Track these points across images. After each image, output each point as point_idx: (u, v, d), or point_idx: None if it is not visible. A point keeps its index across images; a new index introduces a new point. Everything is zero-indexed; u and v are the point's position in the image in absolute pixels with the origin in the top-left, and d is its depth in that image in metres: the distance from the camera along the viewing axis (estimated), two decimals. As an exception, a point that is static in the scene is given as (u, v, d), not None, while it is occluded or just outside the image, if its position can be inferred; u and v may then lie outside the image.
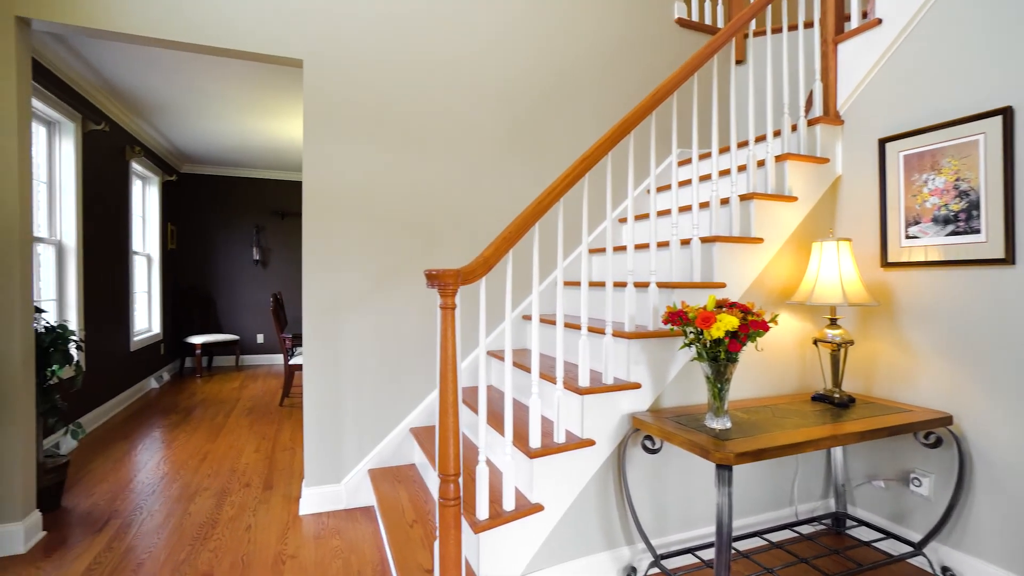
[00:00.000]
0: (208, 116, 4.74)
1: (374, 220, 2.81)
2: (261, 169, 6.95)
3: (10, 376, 2.27)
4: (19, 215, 2.29)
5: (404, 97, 2.86)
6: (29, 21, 2.34)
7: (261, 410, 4.72)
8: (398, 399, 2.86)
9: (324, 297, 2.72)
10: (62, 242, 3.84)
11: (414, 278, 2.89)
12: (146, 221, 5.80)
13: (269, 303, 7.14)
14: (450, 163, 2.95)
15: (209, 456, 3.50)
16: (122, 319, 4.85)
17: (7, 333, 2.26)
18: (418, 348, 2.90)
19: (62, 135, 3.81)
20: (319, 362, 2.71)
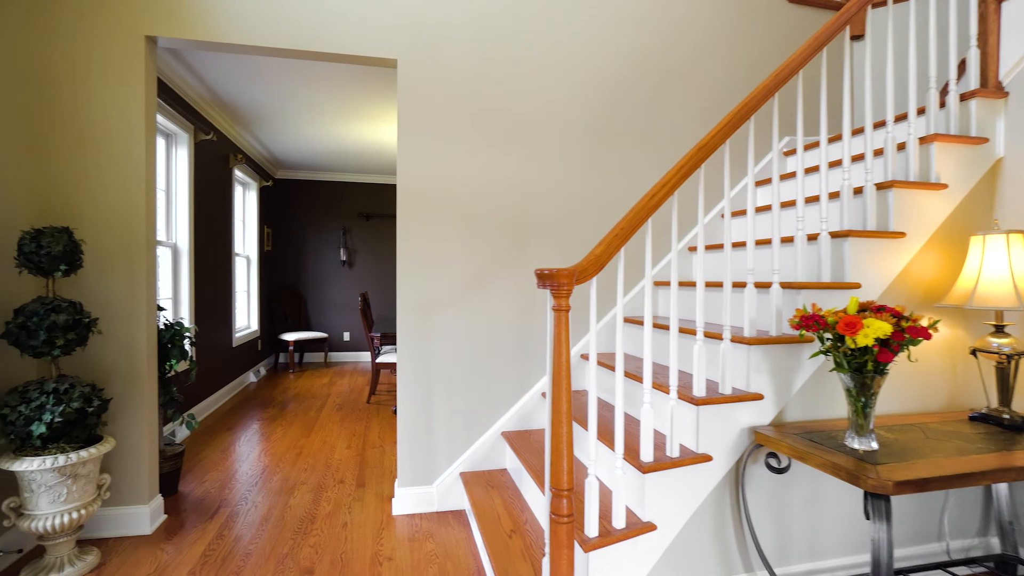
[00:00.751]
0: (301, 122, 4.94)
1: (466, 220, 2.76)
2: (347, 173, 7.22)
3: (138, 369, 2.42)
4: (145, 220, 2.44)
5: (495, 94, 2.79)
6: (156, 39, 2.49)
7: (350, 407, 4.86)
8: (489, 402, 2.80)
9: (417, 298, 2.70)
10: (177, 245, 4.12)
11: (505, 278, 2.81)
12: (246, 224, 6.17)
13: (357, 302, 7.40)
14: (541, 160, 2.85)
15: (304, 451, 3.62)
16: (226, 316, 5.17)
17: (136, 329, 2.41)
18: (509, 350, 2.82)
19: (177, 145, 4.09)
20: (412, 363, 2.70)
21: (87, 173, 2.38)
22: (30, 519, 2.00)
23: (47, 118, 2.35)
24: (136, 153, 2.42)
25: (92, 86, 2.38)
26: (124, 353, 2.40)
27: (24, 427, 1.93)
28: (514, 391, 2.83)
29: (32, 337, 1.97)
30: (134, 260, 2.42)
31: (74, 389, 2.03)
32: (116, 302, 2.40)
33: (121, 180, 2.41)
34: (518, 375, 2.84)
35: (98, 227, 2.39)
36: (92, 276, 2.38)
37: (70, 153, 2.37)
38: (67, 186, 2.37)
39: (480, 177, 2.77)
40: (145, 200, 2.44)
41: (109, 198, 2.40)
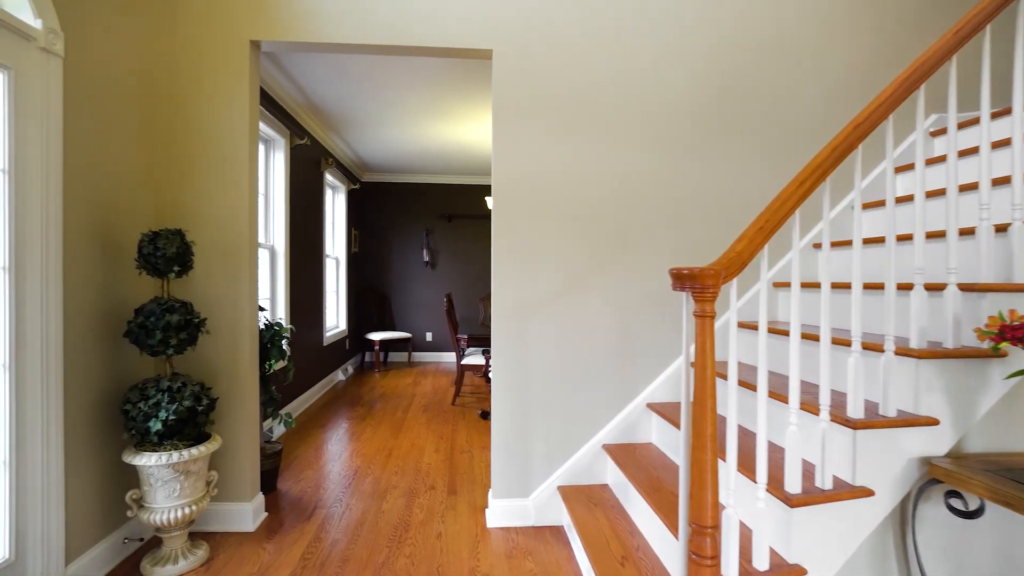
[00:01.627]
0: (388, 124, 4.99)
1: (564, 217, 2.58)
2: (429, 174, 7.28)
3: (242, 369, 2.45)
4: (248, 223, 2.47)
5: (595, 83, 2.59)
6: (259, 44, 2.53)
7: (435, 408, 4.84)
8: (589, 412, 2.61)
9: (513, 300, 2.56)
10: (274, 247, 4.27)
11: (605, 278, 2.61)
12: (335, 226, 6.37)
13: (440, 303, 7.46)
14: (644, 153, 2.62)
15: (394, 453, 3.60)
16: (317, 316, 5.32)
17: (240, 330, 2.45)
18: (610, 356, 2.61)
19: (274, 150, 4.24)
20: (508, 369, 2.56)
21: (196, 176, 2.44)
22: (149, 511, 2.05)
23: (163, 123, 2.44)
24: (241, 157, 2.46)
25: (202, 91, 2.44)
26: (229, 353, 2.45)
27: (143, 423, 1.98)
28: (616, 400, 2.62)
29: (150, 336, 2.02)
30: (238, 261, 2.45)
31: (185, 388, 2.07)
32: (221, 302, 2.44)
33: (227, 183, 2.45)
34: (620, 383, 2.62)
35: (205, 229, 2.44)
36: (200, 277, 2.44)
37: (181, 157, 2.44)
38: (178, 189, 2.44)
39: (579, 171, 2.59)
40: (248, 203, 2.47)
41: (216, 201, 2.45)
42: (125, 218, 2.24)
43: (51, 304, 1.83)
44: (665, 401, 2.63)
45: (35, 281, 1.79)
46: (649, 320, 2.62)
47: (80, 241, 1.99)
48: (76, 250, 1.97)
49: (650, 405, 2.60)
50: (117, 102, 2.19)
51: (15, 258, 1.73)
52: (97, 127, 2.08)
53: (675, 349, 2.64)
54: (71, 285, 1.94)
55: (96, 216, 2.07)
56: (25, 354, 1.76)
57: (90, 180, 2.04)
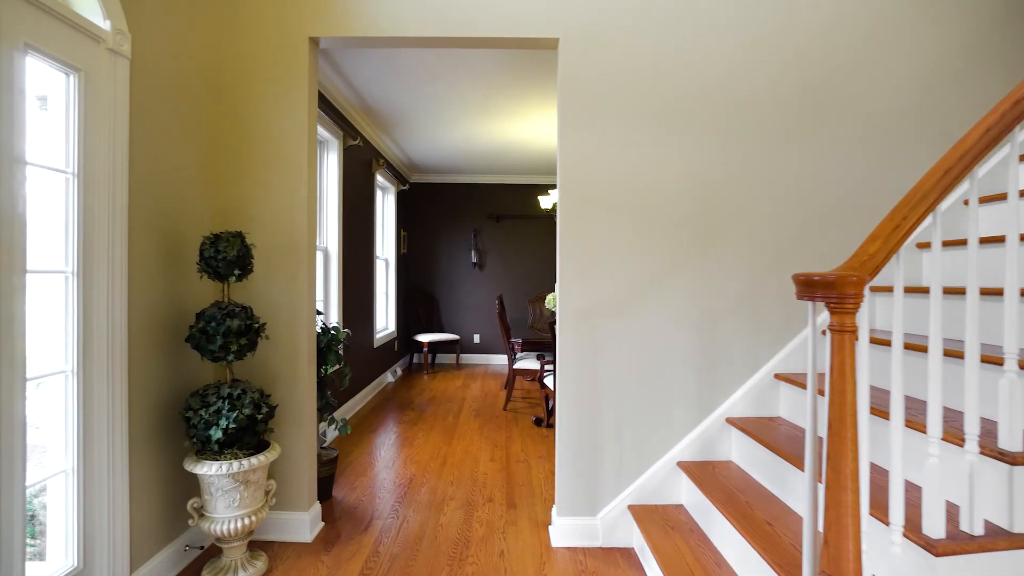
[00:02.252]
0: (438, 122, 4.91)
1: (636, 215, 2.40)
2: (477, 174, 7.19)
3: (300, 375, 2.39)
4: (307, 224, 2.40)
5: (669, 71, 2.39)
6: (318, 40, 2.46)
7: (487, 413, 4.72)
8: (662, 426, 2.41)
9: (580, 304, 2.40)
10: (327, 249, 4.25)
11: (682, 282, 2.40)
12: (385, 228, 6.36)
13: (488, 305, 7.36)
14: (724, 146, 2.40)
15: (448, 461, 3.49)
16: (368, 318, 5.30)
17: (298, 334, 2.38)
18: (686, 366, 2.41)
19: (328, 151, 4.22)
20: (574, 378, 2.40)
21: (255, 177, 2.39)
22: (209, 521, 2.00)
23: (223, 124, 2.40)
24: (299, 156, 2.39)
25: (261, 91, 2.39)
26: (287, 358, 2.38)
27: (204, 431, 1.92)
28: (692, 414, 2.41)
29: (210, 342, 1.96)
30: (296, 264, 2.39)
31: (245, 395, 2.00)
32: (279, 306, 2.38)
33: (285, 184, 2.39)
34: (697, 395, 2.41)
35: (264, 231, 2.39)
36: (259, 280, 2.39)
37: (241, 158, 2.40)
38: (237, 191, 2.40)
39: (653, 165, 2.40)
40: (307, 203, 2.41)
41: (274, 202, 2.39)
42: (186, 221, 2.21)
43: (117, 310, 1.79)
44: (746, 416, 2.41)
45: (102, 287, 1.75)
46: (729, 326, 2.40)
47: (143, 245, 1.95)
48: (140, 255, 1.93)
49: (730, 420, 2.38)
50: (178, 103, 2.15)
51: (83, 263, 1.70)
52: (160, 129, 2.05)
53: (757, 359, 2.41)
54: (135, 290, 1.90)
55: (158, 220, 2.04)
56: (92, 360, 1.73)
57: (153, 183, 2.01)
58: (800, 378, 2.28)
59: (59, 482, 1.67)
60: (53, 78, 1.67)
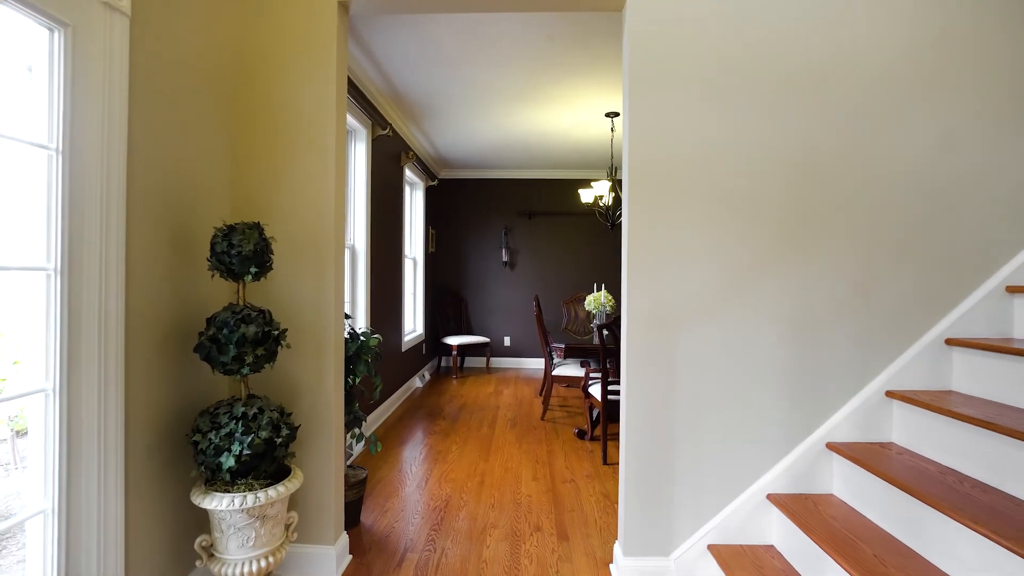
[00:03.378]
0: (472, 111, 4.59)
1: (718, 204, 2.02)
2: (509, 169, 6.86)
3: (326, 388, 2.08)
4: (335, 217, 2.09)
5: (762, 40, 2.01)
6: (348, 5, 2.15)
7: (523, 423, 4.38)
8: (748, 451, 2.03)
9: (651, 308, 2.03)
10: (354, 246, 3.96)
11: (773, 282, 2.02)
12: (413, 225, 6.07)
13: (519, 306, 7.02)
14: (826, 121, 2.01)
15: (487, 479, 3.16)
16: (396, 320, 5.02)
17: (324, 342, 2.08)
18: (778, 381, 2.02)
19: (356, 141, 3.93)
20: (644, 393, 2.04)
21: (277, 163, 2.10)
22: (220, 563, 1.70)
23: (241, 102, 2.11)
24: (327, 140, 2.09)
25: (284, 64, 2.09)
26: (311, 369, 2.08)
27: (214, 457, 1.63)
28: (785, 437, 2.03)
29: (222, 352, 1.66)
30: (323, 262, 2.08)
31: (262, 415, 1.70)
32: (302, 310, 2.08)
33: (311, 170, 2.09)
34: (790, 415, 2.03)
35: (286, 225, 2.09)
36: (280, 280, 2.09)
37: (261, 140, 2.10)
38: (257, 178, 2.11)
39: (739, 148, 2.02)
40: (335, 193, 2.10)
41: (299, 192, 2.09)
42: (198, 212, 1.92)
43: (111, 316, 1.50)
44: (852, 441, 2.01)
45: (92, 287, 1.46)
46: (830, 334, 2.01)
47: (145, 238, 1.66)
48: (141, 250, 1.64)
49: (832, 446, 1.99)
50: (190, 76, 1.86)
51: (69, 259, 1.41)
52: (168, 104, 1.75)
53: (864, 373, 2.02)
54: (135, 292, 1.61)
55: (165, 209, 1.74)
56: (80, 376, 1.43)
57: (158, 166, 1.71)
58: (920, 396, 1.88)
59: (36, 524, 1.38)
60: (38, 38, 1.39)
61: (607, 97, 4.14)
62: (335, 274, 2.10)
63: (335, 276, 2.10)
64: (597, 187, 4.38)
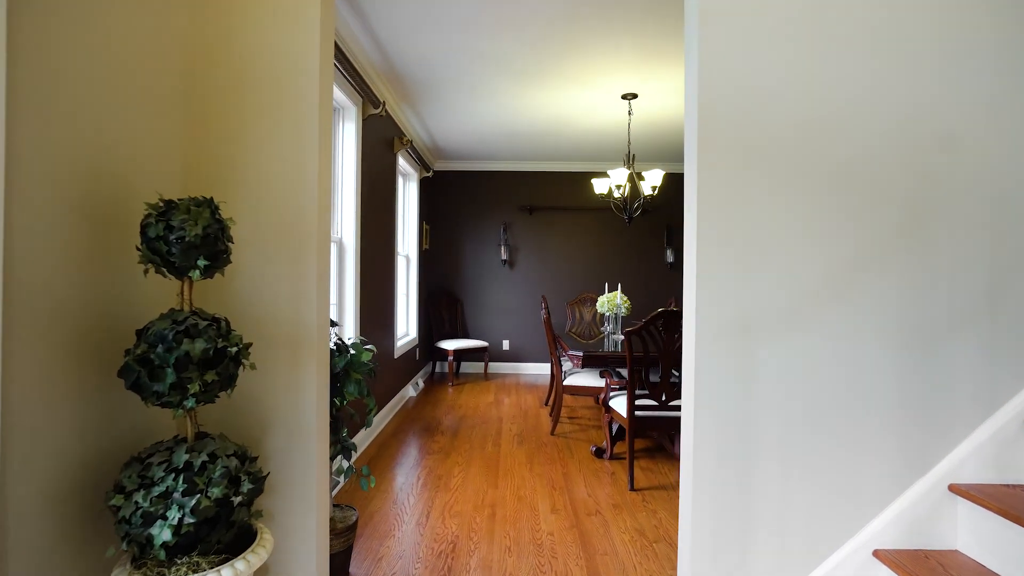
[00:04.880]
0: (474, 91, 4.12)
1: (813, 179, 1.59)
2: (510, 160, 6.40)
3: (306, 418, 1.60)
4: (318, 202, 1.62)
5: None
6: (326, -74, 1.68)
7: (531, 438, 3.92)
8: (848, 493, 1.60)
9: (726, 313, 1.59)
10: (342, 240, 3.48)
11: (881, 283, 1.59)
12: (406, 220, 5.59)
13: (518, 307, 6.56)
14: (954, 75, 1.58)
15: (498, 512, 2.69)
16: (388, 324, 4.53)
17: (304, 358, 1.60)
18: (883, 408, 1.59)
19: (344, 119, 3.45)
20: (715, 422, 1.59)
21: (244, 127, 1.62)
22: (155, 667, 1.22)
23: (197, 44, 1.62)
24: (307, 100, 1.61)
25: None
26: (287, 394, 1.60)
27: (142, 529, 1.15)
28: (894, 476, 1.60)
29: (156, 378, 1.18)
30: (303, 257, 1.61)
31: (214, 464, 1.22)
32: (277, 318, 1.60)
33: (287, 138, 1.61)
34: (900, 449, 1.60)
35: (257, 209, 1.61)
36: (246, 279, 1.60)
37: (223, 95, 1.62)
38: (217, 145, 1.62)
39: (840, 103, 1.58)
40: (319, 169, 1.62)
41: (273, 168, 1.61)
42: (134, 185, 1.43)
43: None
44: (985, 482, 1.58)
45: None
46: (952, 348, 1.58)
47: (45, 216, 1.17)
48: (36, 231, 1.15)
49: (957, 488, 1.56)
50: (119, 5, 1.37)
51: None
52: (85, 35, 1.26)
53: (996, 396, 1.59)
54: (24, 290, 1.12)
55: (79, 178, 1.25)
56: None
57: (68, 119, 1.22)
58: None
59: None
60: None
61: (624, 76, 3.71)
62: (319, 273, 1.63)
63: (319, 275, 1.63)
64: (615, 175, 3.94)
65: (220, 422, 1.59)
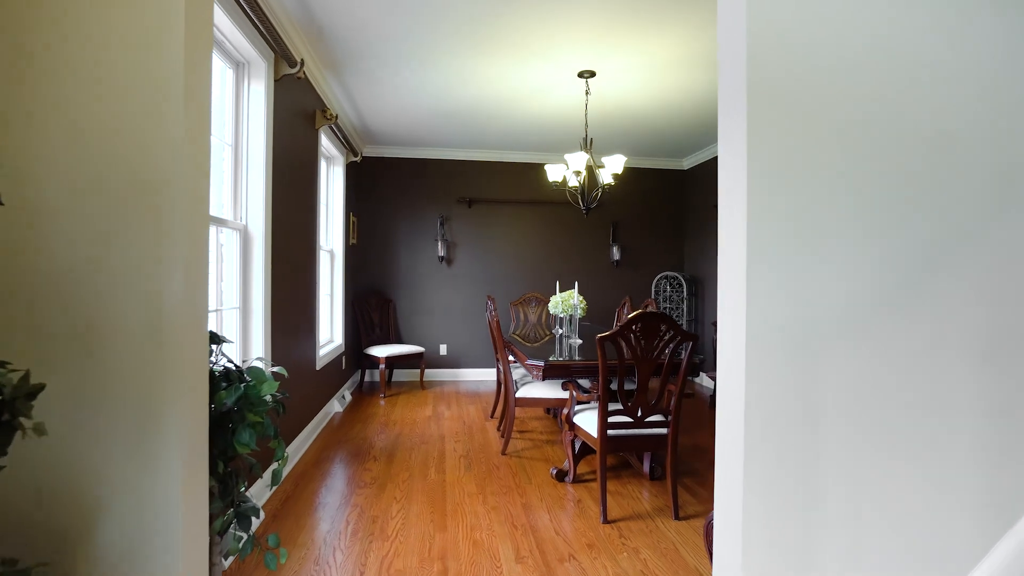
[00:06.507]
0: (412, 59, 3.55)
1: (887, 147, 1.20)
2: (447, 148, 5.85)
3: (163, 499, 1.00)
4: (185, 138, 1.03)
5: None
6: None
7: (480, 460, 3.41)
8: (929, 545, 1.23)
9: (782, 316, 1.17)
10: (247, 227, 2.80)
11: (970, 276, 1.23)
12: (331, 209, 4.89)
13: (456, 308, 6.00)
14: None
15: (451, 566, 2.16)
16: (309, 330, 3.85)
17: (157, 397, 1.00)
18: (971, 434, 1.24)
19: (251, 78, 2.77)
20: (767, 448, 1.17)
21: (48, 43, 0.99)
22: None
23: None
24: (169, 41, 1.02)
25: None
26: (125, 464, 0.99)
27: None
28: (986, 522, 1.25)
29: None
30: (160, 236, 1.01)
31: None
32: (104, 331, 0.99)
33: (127, 62, 1.01)
34: (994, 488, 1.25)
35: (75, 159, 0.99)
36: (52, 267, 0.98)
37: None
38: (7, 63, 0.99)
39: (938, 55, 1.21)
40: (186, 114, 1.03)
41: (95, 101, 1.00)
42: None
43: None
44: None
45: None
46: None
47: None
48: None
49: (1055, 539, 1.23)
50: None
51: None
52: None
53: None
54: None
55: None
56: None
57: None
58: None
59: None
60: None
61: (583, 49, 3.29)
62: (188, 264, 1.04)
63: (188, 268, 1.04)
64: (572, 160, 3.51)
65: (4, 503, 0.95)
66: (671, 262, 6.38)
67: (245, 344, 2.77)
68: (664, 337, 2.51)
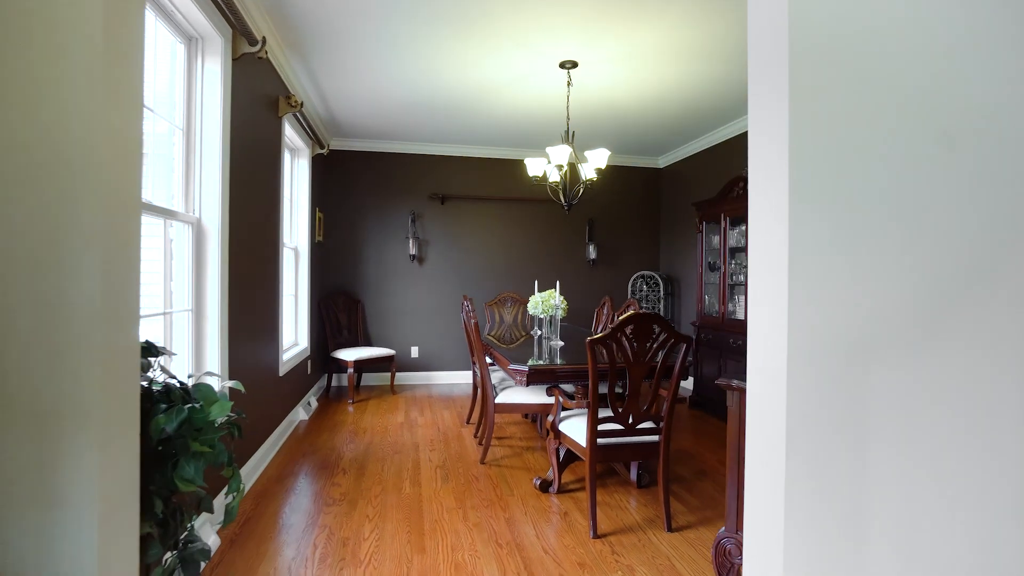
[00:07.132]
0: (382, 41, 3.32)
1: (948, 129, 1.07)
2: (419, 143, 5.61)
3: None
4: (104, 101, 0.80)
5: None
6: None
7: (458, 471, 3.21)
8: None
9: (827, 327, 1.02)
10: (201, 221, 2.52)
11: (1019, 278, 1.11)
12: (295, 204, 4.59)
13: (427, 309, 5.77)
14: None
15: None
16: (271, 334, 3.57)
17: (67, 447, 0.77)
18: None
19: (205, 55, 2.50)
20: (807, 480, 1.02)
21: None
22: None
23: None
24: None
25: None
26: (16, 527, 0.76)
27: None
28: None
29: None
30: (60, 226, 0.78)
31: None
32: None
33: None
34: (1041, 515, 1.13)
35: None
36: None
37: None
38: None
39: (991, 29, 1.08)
40: (106, 72, 0.81)
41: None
42: None
43: None
44: None
45: None
46: (1096, 365, 1.15)
47: None
48: None
49: (1106, 562, 1.12)
50: None
51: None
52: None
53: None
54: None
55: None
56: None
57: None
58: None
59: None
60: None
61: (566, 37, 3.13)
62: (111, 258, 0.81)
63: (109, 262, 0.81)
64: (555, 154, 3.34)
65: None
66: (647, 261, 6.30)
67: (198, 351, 2.50)
68: (657, 339, 2.37)
